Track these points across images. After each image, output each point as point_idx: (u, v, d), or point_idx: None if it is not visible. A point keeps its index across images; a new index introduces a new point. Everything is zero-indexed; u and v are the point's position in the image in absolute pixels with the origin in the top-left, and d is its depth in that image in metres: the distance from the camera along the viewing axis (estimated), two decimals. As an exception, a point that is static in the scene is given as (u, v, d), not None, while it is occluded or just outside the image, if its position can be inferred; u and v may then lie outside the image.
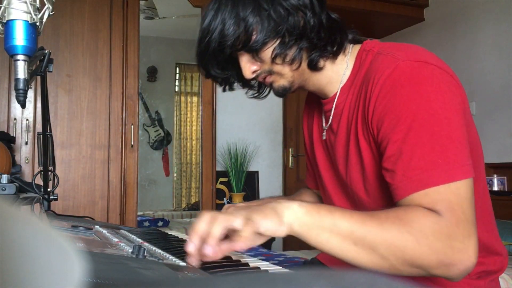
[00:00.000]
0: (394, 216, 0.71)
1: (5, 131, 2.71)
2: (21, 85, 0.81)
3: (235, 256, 0.87)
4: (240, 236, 0.68)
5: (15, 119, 2.79)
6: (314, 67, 0.90)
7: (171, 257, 0.74)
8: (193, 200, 4.27)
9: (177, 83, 4.36)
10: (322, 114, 1.02)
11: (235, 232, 0.69)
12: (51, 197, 1.22)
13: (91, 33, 2.95)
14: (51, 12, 0.85)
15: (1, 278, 0.19)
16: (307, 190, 1.23)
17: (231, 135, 4.02)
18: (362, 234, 0.70)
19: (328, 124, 0.98)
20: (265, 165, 4.17)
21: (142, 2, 3.29)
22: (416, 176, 0.74)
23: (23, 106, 0.84)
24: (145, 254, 0.65)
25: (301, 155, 4.20)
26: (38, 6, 0.82)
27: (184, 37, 4.17)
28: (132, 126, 3.01)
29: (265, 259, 0.93)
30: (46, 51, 1.00)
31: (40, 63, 1.01)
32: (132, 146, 3.00)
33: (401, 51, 0.83)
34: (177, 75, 4.37)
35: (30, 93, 2.76)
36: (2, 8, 0.79)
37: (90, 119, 2.93)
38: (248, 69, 0.89)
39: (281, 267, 0.80)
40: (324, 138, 1.00)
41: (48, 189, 1.23)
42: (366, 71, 0.88)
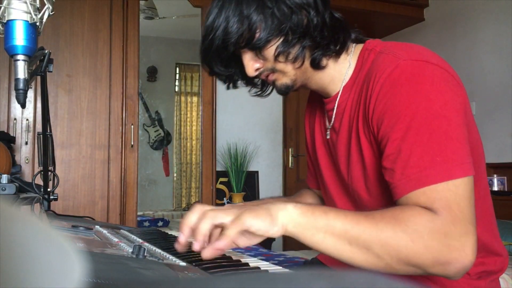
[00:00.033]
0: (389, 216, 0.72)
1: (5, 131, 2.71)
2: (21, 85, 0.81)
3: (235, 256, 0.87)
4: (226, 234, 0.68)
5: (15, 119, 2.79)
6: (316, 65, 0.90)
7: (171, 257, 0.74)
8: (193, 200, 4.27)
9: (177, 83, 4.36)
10: (324, 114, 1.03)
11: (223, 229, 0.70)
12: (51, 197, 1.22)
13: (91, 33, 2.95)
14: (51, 12, 0.85)
15: (1, 278, 0.19)
16: (308, 191, 1.22)
17: (231, 135, 4.02)
18: (356, 233, 0.70)
19: (331, 123, 0.98)
20: (265, 165, 4.17)
21: (142, 2, 3.29)
22: (415, 174, 0.75)
23: (23, 106, 0.84)
24: (145, 254, 0.65)
25: (301, 155, 4.20)
26: (38, 6, 0.82)
27: (184, 37, 4.17)
28: (132, 126, 3.01)
29: (265, 259, 0.93)
30: (46, 51, 1.00)
31: (40, 63, 1.01)
32: (132, 146, 3.00)
33: (402, 50, 0.83)
34: (177, 75, 4.37)
35: (30, 93, 2.76)
36: (2, 8, 0.79)
37: (90, 119, 2.92)
38: (251, 66, 0.89)
39: (281, 267, 0.80)
40: (328, 137, 1.01)
41: (48, 189, 1.23)
42: (368, 69, 0.88)
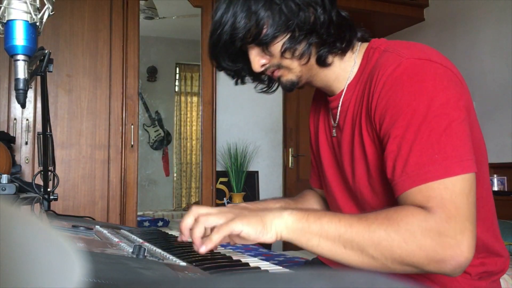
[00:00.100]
0: (382, 217, 0.73)
1: (5, 131, 2.71)
2: (21, 85, 0.81)
3: (235, 256, 0.88)
4: (210, 239, 0.73)
5: (15, 119, 2.79)
6: (322, 62, 0.91)
7: (171, 257, 0.74)
8: (193, 200, 4.26)
9: (177, 83, 4.36)
10: (328, 112, 1.03)
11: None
12: (51, 197, 1.22)
13: (91, 33, 2.95)
14: (51, 12, 0.85)
15: (1, 278, 0.19)
16: (310, 192, 1.22)
17: (231, 135, 4.02)
18: (350, 236, 0.72)
19: (336, 121, 0.98)
20: (265, 165, 4.17)
21: (142, 2, 3.29)
22: (414, 172, 0.75)
23: (23, 106, 0.84)
24: (145, 254, 0.65)
25: (301, 155, 4.20)
26: (38, 6, 0.82)
27: (184, 37, 4.17)
28: (132, 126, 3.01)
29: (265, 259, 0.93)
30: (46, 51, 1.00)
31: (40, 63, 1.01)
32: (132, 146, 3.00)
33: (406, 49, 0.83)
34: (177, 75, 4.36)
35: (30, 93, 2.76)
36: (2, 8, 0.79)
37: (90, 119, 2.92)
38: (257, 62, 0.90)
39: (281, 267, 0.80)
40: (334, 135, 1.01)
41: (48, 189, 1.23)
42: (371, 68, 0.89)
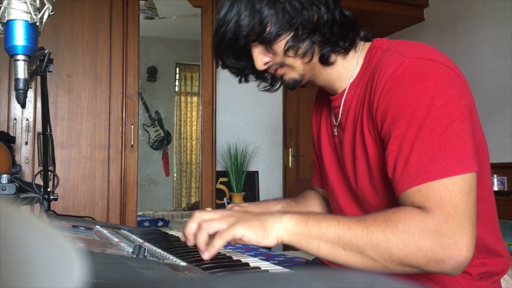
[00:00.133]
0: (381, 219, 0.74)
1: (5, 131, 2.71)
2: (21, 85, 0.81)
3: (235, 256, 0.88)
4: (212, 244, 0.74)
5: (15, 119, 2.79)
6: (325, 61, 0.91)
7: (171, 257, 0.74)
8: (193, 200, 4.26)
9: (177, 83, 4.36)
10: (330, 111, 1.03)
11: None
12: (51, 197, 1.22)
13: (91, 33, 2.95)
14: (51, 12, 0.85)
15: (1, 278, 0.19)
16: (312, 192, 1.22)
17: (231, 135, 4.02)
18: (349, 239, 0.73)
19: (338, 120, 0.99)
20: (265, 165, 4.17)
21: (142, 2, 3.29)
22: (414, 171, 0.75)
23: (23, 106, 0.84)
24: (145, 254, 0.65)
25: (301, 155, 4.20)
26: (38, 6, 0.82)
27: (184, 37, 4.17)
28: (132, 126, 3.01)
29: (265, 259, 0.93)
30: (46, 51, 1.00)
31: (40, 63, 1.01)
32: (132, 146, 3.00)
33: (408, 48, 0.84)
34: (177, 75, 4.36)
35: (30, 93, 2.76)
36: (2, 8, 0.79)
37: (90, 119, 2.92)
38: (260, 60, 0.90)
39: (281, 267, 0.80)
40: (335, 134, 1.01)
41: (48, 189, 1.23)
42: (373, 67, 0.89)
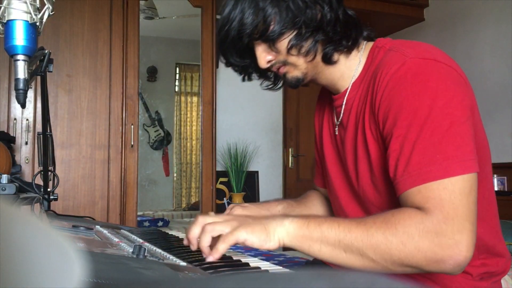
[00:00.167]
0: (380, 221, 0.74)
1: (5, 131, 2.71)
2: (21, 85, 0.81)
3: (235, 256, 0.87)
4: (217, 248, 0.75)
5: (15, 119, 2.79)
6: (328, 60, 0.91)
7: (171, 257, 0.74)
8: (193, 200, 4.26)
9: (177, 83, 4.36)
10: (333, 110, 1.03)
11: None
12: (51, 197, 1.22)
13: (91, 33, 2.95)
14: (51, 12, 0.85)
15: (1, 278, 0.19)
16: (314, 192, 1.22)
17: (231, 135, 4.02)
18: (349, 241, 0.74)
19: (339, 119, 0.99)
20: (265, 165, 4.17)
21: (142, 2, 3.29)
22: (415, 171, 0.76)
23: (23, 106, 0.83)
24: (145, 254, 0.65)
25: (301, 155, 4.20)
26: (38, 6, 0.82)
27: (184, 37, 4.17)
28: (132, 126, 3.01)
29: (265, 259, 0.92)
30: (46, 51, 1.00)
31: (40, 63, 1.01)
32: (132, 146, 3.00)
33: (411, 48, 0.84)
34: (177, 75, 4.36)
35: (30, 93, 2.76)
36: (2, 8, 0.79)
37: (90, 119, 2.92)
38: (263, 58, 0.91)
39: (281, 267, 0.80)
40: (336, 133, 1.01)
41: (48, 189, 1.23)
42: (376, 66, 0.89)
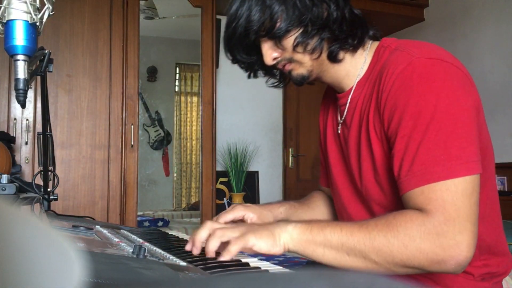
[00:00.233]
0: (382, 223, 0.75)
1: (5, 131, 2.71)
2: (21, 85, 0.81)
3: (236, 256, 0.87)
4: (229, 250, 0.77)
5: (15, 119, 2.79)
6: (333, 58, 0.92)
7: (171, 257, 0.74)
8: (193, 200, 4.26)
9: (177, 83, 4.36)
10: (337, 109, 1.04)
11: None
12: (51, 197, 1.22)
13: (91, 33, 2.95)
14: (51, 12, 0.85)
15: (1, 278, 0.19)
16: (318, 193, 1.22)
17: (231, 135, 4.02)
18: (352, 245, 0.75)
19: (343, 118, 0.99)
20: (265, 165, 4.17)
21: (142, 2, 3.29)
22: (419, 171, 0.76)
23: (23, 106, 0.83)
24: (145, 254, 0.65)
25: (301, 155, 4.20)
26: (38, 6, 0.82)
27: (184, 37, 4.17)
28: (132, 126, 3.01)
29: (266, 259, 0.92)
30: (46, 51, 1.00)
31: (40, 63, 1.01)
32: (132, 146, 3.00)
33: (417, 48, 0.84)
34: (177, 75, 4.36)
35: (30, 93, 2.76)
36: (2, 8, 0.79)
37: (90, 119, 2.92)
38: (269, 55, 0.91)
39: (281, 267, 0.80)
40: (339, 132, 1.02)
41: (48, 189, 1.23)
42: (381, 66, 0.89)
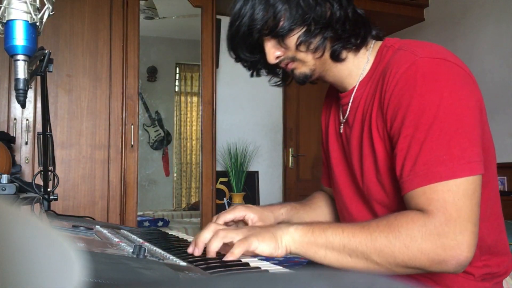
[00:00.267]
0: (384, 224, 0.76)
1: (5, 131, 2.71)
2: (21, 85, 0.81)
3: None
4: (232, 252, 0.77)
5: (15, 119, 2.79)
6: (336, 57, 0.92)
7: (171, 257, 0.74)
8: (193, 200, 4.26)
9: (177, 83, 4.36)
10: (339, 108, 1.04)
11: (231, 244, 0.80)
12: (51, 197, 1.22)
13: (91, 33, 2.95)
14: (51, 12, 0.85)
15: (1, 278, 0.19)
16: (320, 194, 1.22)
17: (231, 135, 4.02)
18: (354, 246, 0.75)
19: (345, 117, 0.99)
20: (265, 165, 4.17)
21: (142, 2, 3.29)
22: (422, 171, 0.76)
23: (23, 106, 0.83)
24: (145, 254, 0.65)
25: (301, 155, 4.20)
26: (38, 6, 0.82)
27: (184, 37, 4.17)
28: (132, 126, 3.01)
29: (266, 259, 0.92)
30: (46, 51, 1.00)
31: (40, 63, 1.01)
32: (132, 146, 3.00)
33: (421, 47, 0.84)
34: (177, 75, 4.36)
35: (30, 93, 2.76)
36: (2, 8, 0.79)
37: (90, 119, 2.92)
38: (272, 54, 0.91)
39: (281, 267, 0.80)
40: (341, 131, 1.02)
41: (48, 189, 1.23)
42: (385, 65, 0.89)
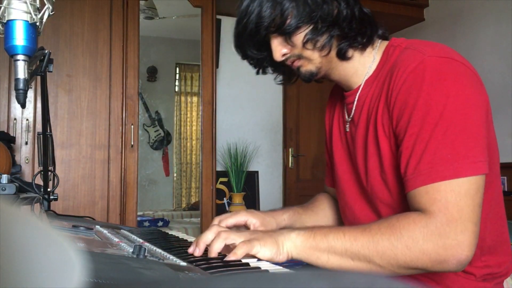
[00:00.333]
0: (385, 226, 0.76)
1: (5, 131, 2.71)
2: (21, 85, 0.81)
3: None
4: (235, 253, 0.77)
5: (15, 119, 2.79)
6: (342, 55, 0.92)
7: (171, 257, 0.74)
8: (193, 200, 4.26)
9: (177, 83, 4.36)
10: (343, 107, 1.04)
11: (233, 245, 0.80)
12: (51, 197, 1.22)
13: (91, 33, 2.95)
14: (51, 12, 0.85)
15: (1, 278, 0.19)
16: (323, 196, 1.22)
17: (231, 135, 4.02)
18: (356, 249, 0.76)
19: (351, 116, 0.99)
20: (265, 165, 4.17)
21: (142, 2, 3.29)
22: (426, 170, 0.77)
23: (23, 106, 0.83)
24: (145, 254, 0.65)
25: (301, 155, 4.20)
26: (38, 6, 0.82)
27: (184, 37, 4.17)
28: (132, 126, 3.01)
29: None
30: (46, 51, 1.00)
31: (40, 63, 1.01)
32: (132, 146, 3.00)
33: (428, 47, 0.85)
34: (177, 75, 4.36)
35: (30, 93, 2.76)
36: (2, 8, 0.79)
37: (90, 119, 2.92)
38: (278, 51, 0.92)
39: (281, 267, 0.80)
40: (347, 130, 1.02)
41: (48, 189, 1.23)
42: (392, 64, 0.90)
